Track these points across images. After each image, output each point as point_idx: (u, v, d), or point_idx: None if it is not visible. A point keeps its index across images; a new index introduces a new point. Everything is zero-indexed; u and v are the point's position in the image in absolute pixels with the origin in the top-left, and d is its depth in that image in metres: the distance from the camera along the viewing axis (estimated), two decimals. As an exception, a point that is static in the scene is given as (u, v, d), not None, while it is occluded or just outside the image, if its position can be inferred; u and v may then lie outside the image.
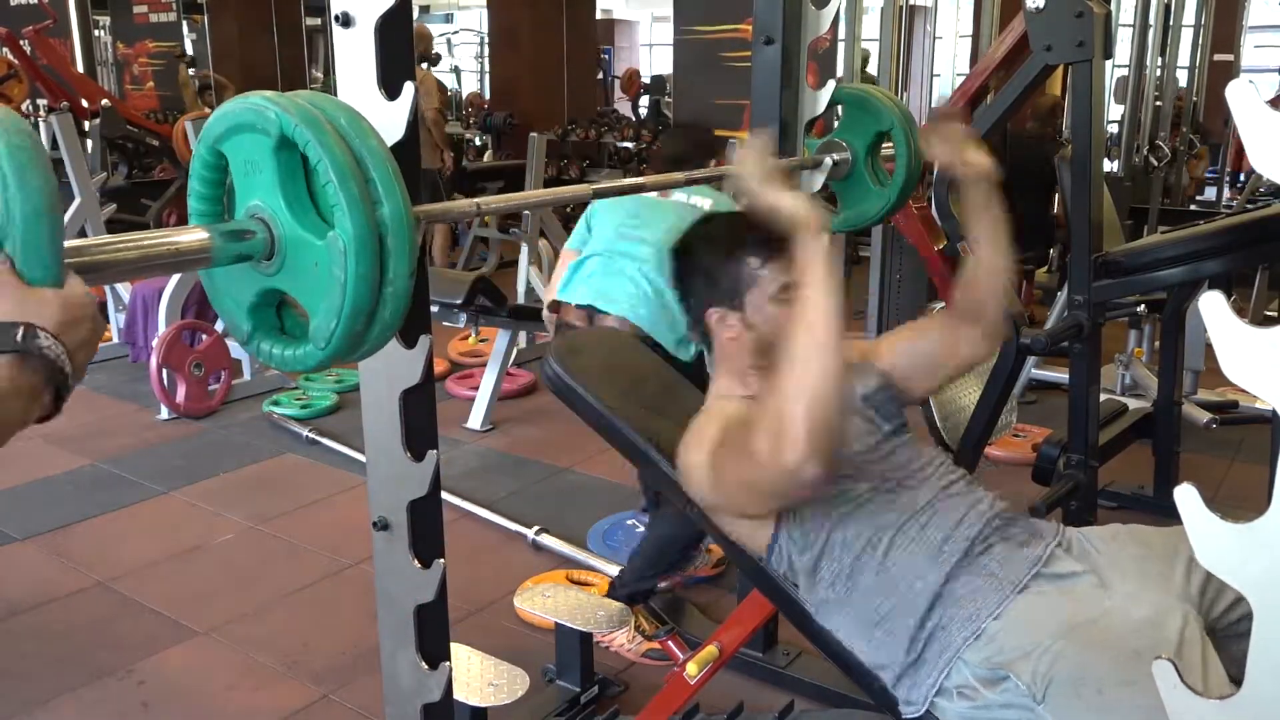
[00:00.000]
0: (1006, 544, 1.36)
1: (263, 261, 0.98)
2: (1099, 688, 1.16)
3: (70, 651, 2.46)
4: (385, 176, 0.93)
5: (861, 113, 1.89)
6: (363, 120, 0.96)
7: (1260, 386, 0.79)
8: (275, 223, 0.96)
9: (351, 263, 0.91)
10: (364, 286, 0.92)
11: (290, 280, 0.98)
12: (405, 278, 0.95)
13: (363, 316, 0.94)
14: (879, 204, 1.91)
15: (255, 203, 0.97)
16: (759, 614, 1.89)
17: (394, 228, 0.93)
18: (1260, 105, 0.77)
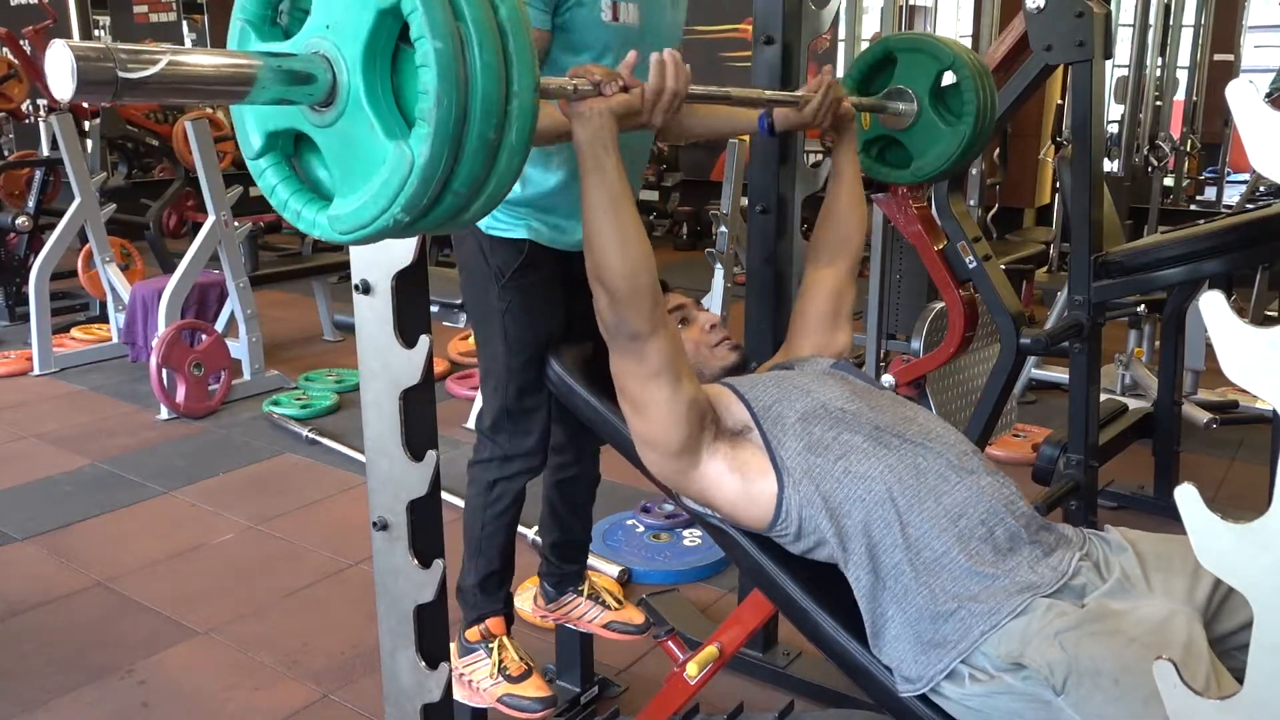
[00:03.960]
0: (1034, 547, 1.34)
1: (314, 109, 0.88)
2: (1115, 678, 1.17)
3: (70, 651, 2.46)
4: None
5: (916, 55, 1.83)
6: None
7: (1260, 386, 0.79)
8: (341, 71, 0.85)
9: (476, 51, 0.82)
10: (492, 80, 0.83)
11: (335, 137, 0.88)
12: (530, 90, 0.87)
13: (493, 122, 0.84)
14: (955, 141, 1.82)
15: (324, 43, 0.86)
16: (759, 614, 1.89)
17: (513, 30, 0.85)
18: (1260, 105, 0.77)
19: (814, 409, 1.44)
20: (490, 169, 0.88)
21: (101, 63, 0.71)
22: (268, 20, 0.92)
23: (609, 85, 1.27)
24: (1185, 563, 1.32)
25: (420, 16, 0.81)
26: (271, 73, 0.83)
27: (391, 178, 0.85)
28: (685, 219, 7.78)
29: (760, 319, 2.15)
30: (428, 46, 0.81)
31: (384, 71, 0.86)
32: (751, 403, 1.46)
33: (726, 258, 4.27)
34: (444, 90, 0.82)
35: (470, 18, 0.83)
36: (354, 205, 0.88)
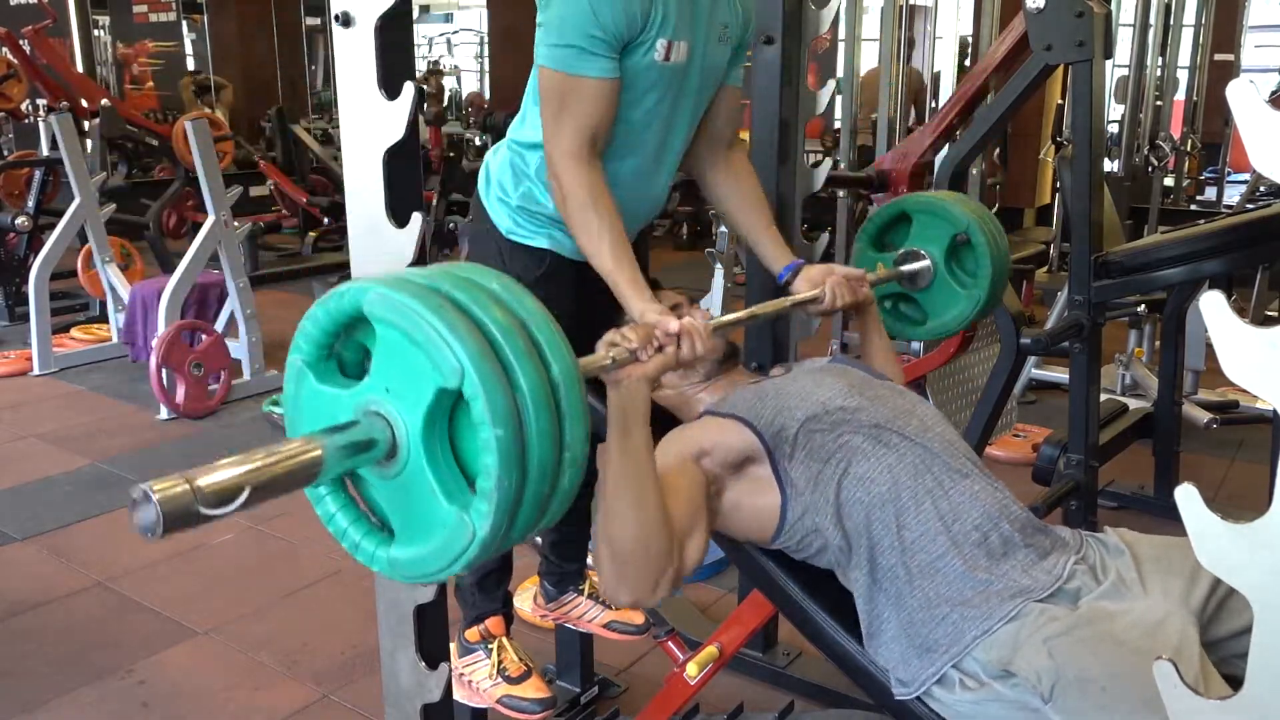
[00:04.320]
0: (1028, 551, 1.34)
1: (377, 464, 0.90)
2: (1103, 685, 1.17)
3: (70, 651, 2.47)
4: (550, 338, 0.88)
5: (933, 218, 1.84)
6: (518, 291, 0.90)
7: (1260, 386, 0.79)
8: (401, 433, 0.88)
9: (533, 423, 0.85)
10: (548, 446, 0.86)
11: (395, 488, 0.91)
12: (581, 442, 0.89)
13: (548, 480, 0.88)
14: (970, 304, 1.84)
15: (384, 405, 0.88)
16: (759, 614, 1.89)
17: (565, 385, 0.88)
18: (1260, 105, 0.77)
19: (814, 413, 1.43)
20: (543, 515, 0.92)
21: (187, 509, 0.75)
22: (323, 359, 0.94)
23: (644, 351, 1.24)
24: (1183, 564, 1.32)
25: (482, 403, 0.83)
26: (335, 451, 0.85)
27: (453, 543, 0.88)
28: (685, 219, 7.77)
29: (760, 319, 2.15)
30: (489, 434, 0.83)
31: (443, 435, 0.88)
32: (755, 424, 1.44)
33: (726, 258, 4.27)
34: (505, 473, 0.84)
35: (526, 388, 0.85)
36: (416, 556, 0.91)
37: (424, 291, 0.86)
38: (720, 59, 1.72)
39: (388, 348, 0.87)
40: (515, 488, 0.85)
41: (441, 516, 0.88)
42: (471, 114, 10.61)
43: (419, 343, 0.84)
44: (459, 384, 0.83)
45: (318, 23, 11.18)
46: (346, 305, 0.89)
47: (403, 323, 0.85)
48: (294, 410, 0.95)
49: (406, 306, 0.84)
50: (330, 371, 0.94)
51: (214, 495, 0.76)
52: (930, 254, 1.85)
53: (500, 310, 0.87)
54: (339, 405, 0.91)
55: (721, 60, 1.73)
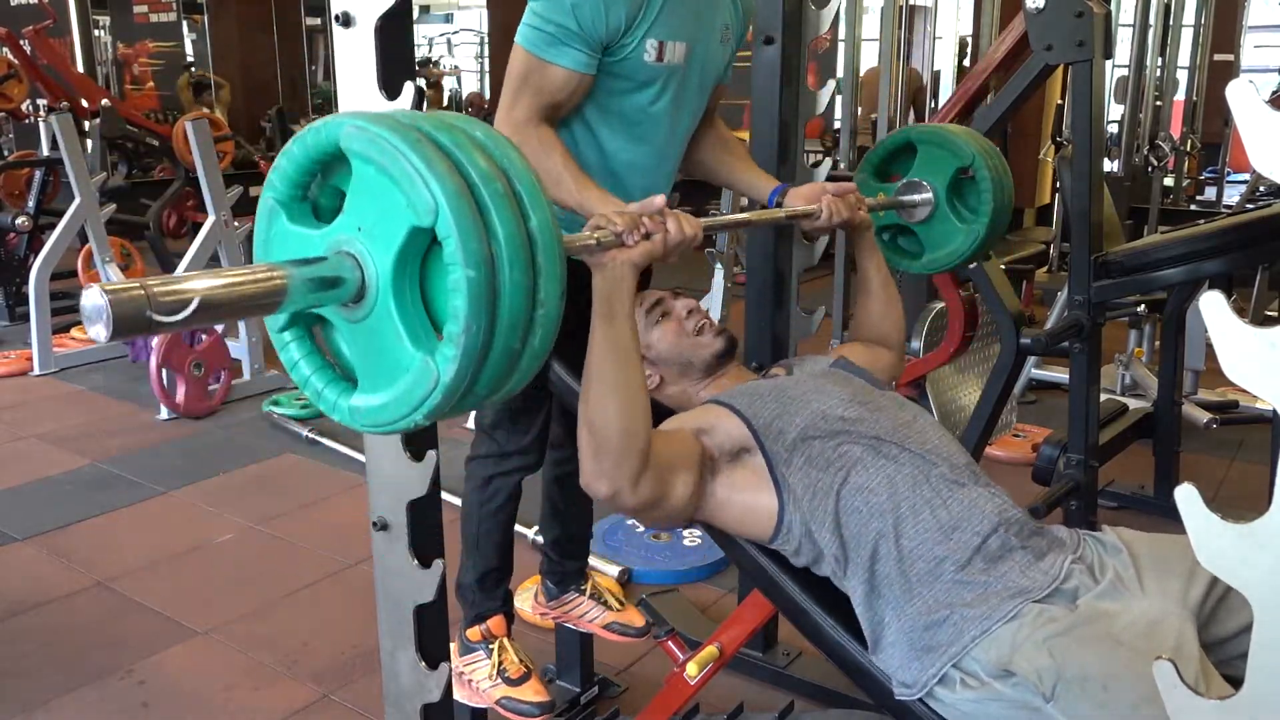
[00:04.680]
0: (1025, 553, 1.34)
1: (343, 306, 0.88)
2: (1104, 684, 1.17)
3: (70, 651, 2.46)
4: (531, 190, 0.86)
5: (937, 149, 1.81)
6: (507, 146, 0.88)
7: (1260, 386, 0.79)
8: (370, 274, 0.85)
9: (506, 270, 0.83)
10: (520, 297, 0.84)
11: (361, 332, 0.88)
12: (556, 299, 0.88)
13: (518, 334, 0.86)
14: (968, 240, 1.83)
15: (355, 243, 0.86)
16: (759, 614, 1.89)
17: (543, 239, 0.85)
18: (1260, 105, 0.77)
19: (814, 421, 1.43)
20: (512, 372, 0.89)
21: (136, 310, 0.72)
22: (297, 199, 0.91)
23: (631, 235, 1.24)
24: (1181, 563, 1.32)
25: (455, 243, 0.81)
26: (301, 283, 0.83)
27: (416, 388, 0.86)
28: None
29: (760, 319, 2.15)
30: (460, 274, 0.81)
31: (413, 278, 0.86)
32: (751, 420, 1.44)
33: (726, 258, 4.27)
34: (473, 317, 0.82)
35: (502, 235, 0.83)
36: (377, 403, 0.89)
37: (404, 128, 0.83)
38: (721, 59, 1.73)
39: (363, 184, 0.85)
40: (483, 333, 0.83)
41: (406, 361, 0.86)
42: (471, 114, 10.59)
43: (394, 178, 0.81)
44: (433, 222, 0.81)
45: (318, 23, 11.18)
46: (323, 140, 0.86)
47: (379, 157, 0.82)
48: (263, 252, 0.92)
49: (384, 140, 0.82)
50: (303, 212, 0.91)
51: (167, 303, 0.74)
52: (932, 186, 1.82)
53: (481, 155, 0.85)
54: (309, 245, 0.88)
55: (722, 60, 1.74)
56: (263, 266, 0.83)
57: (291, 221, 0.90)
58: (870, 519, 1.36)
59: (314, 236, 0.89)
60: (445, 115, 0.89)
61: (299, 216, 0.91)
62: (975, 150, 1.79)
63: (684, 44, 1.61)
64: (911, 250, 1.91)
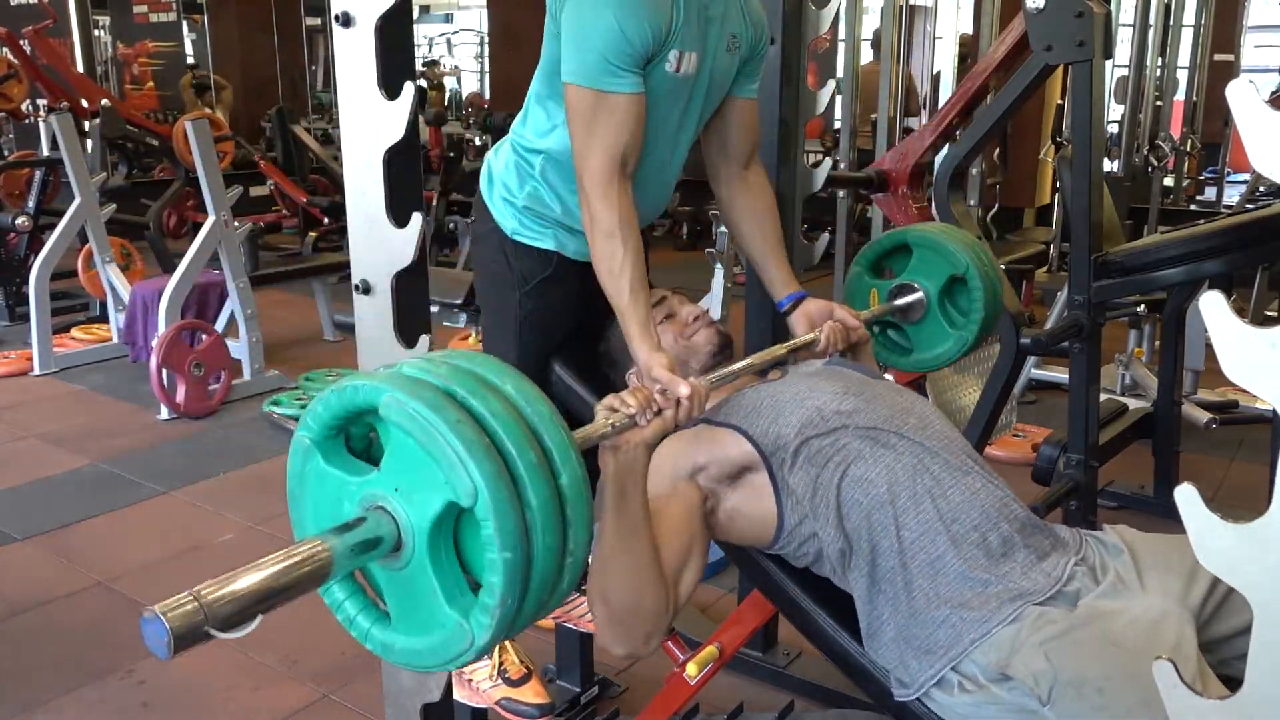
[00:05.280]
0: (1027, 552, 1.34)
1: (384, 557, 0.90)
2: (1099, 686, 1.17)
3: (70, 651, 2.47)
4: (561, 445, 0.88)
5: (933, 255, 1.83)
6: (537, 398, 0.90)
7: (1260, 386, 0.78)
8: (407, 533, 0.88)
9: (539, 539, 0.86)
10: (551, 560, 0.87)
11: (397, 581, 0.91)
12: (583, 547, 0.91)
13: (549, 589, 0.89)
14: (956, 346, 1.85)
15: (392, 502, 0.88)
16: (759, 614, 1.89)
17: (573, 497, 0.88)
18: (1260, 105, 0.77)
19: (810, 418, 1.43)
20: (538, 616, 0.93)
21: (196, 630, 0.75)
22: (331, 438, 0.93)
23: (644, 415, 1.23)
24: (1182, 563, 1.32)
25: (493, 526, 0.83)
26: (344, 552, 0.85)
27: (451, 646, 0.89)
28: (685, 219, 7.77)
29: (760, 319, 2.15)
30: (496, 556, 0.84)
31: (448, 537, 0.88)
32: (752, 434, 1.44)
33: (726, 258, 4.27)
34: (508, 593, 0.85)
35: (536, 505, 0.85)
36: (411, 647, 0.92)
37: (440, 400, 0.85)
38: (728, 68, 1.71)
39: (400, 451, 0.87)
40: (517, 604, 0.86)
41: (441, 618, 0.89)
42: (471, 114, 10.61)
43: (434, 457, 0.84)
44: (472, 505, 0.83)
45: (318, 23, 11.18)
46: (360, 401, 0.89)
47: (418, 434, 0.84)
48: (298, 487, 0.95)
49: (423, 419, 0.84)
50: (337, 450, 0.94)
51: (226, 619, 0.77)
52: (925, 289, 1.84)
53: (517, 421, 0.87)
54: (344, 491, 0.91)
55: (729, 69, 1.72)
56: (305, 546, 0.85)
57: (327, 461, 0.93)
58: (871, 511, 1.36)
59: (349, 484, 0.91)
60: (474, 365, 0.91)
61: (334, 455, 0.93)
62: (969, 260, 1.80)
63: (695, 54, 1.60)
64: (901, 345, 1.92)
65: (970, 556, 1.32)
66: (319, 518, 0.94)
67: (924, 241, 1.85)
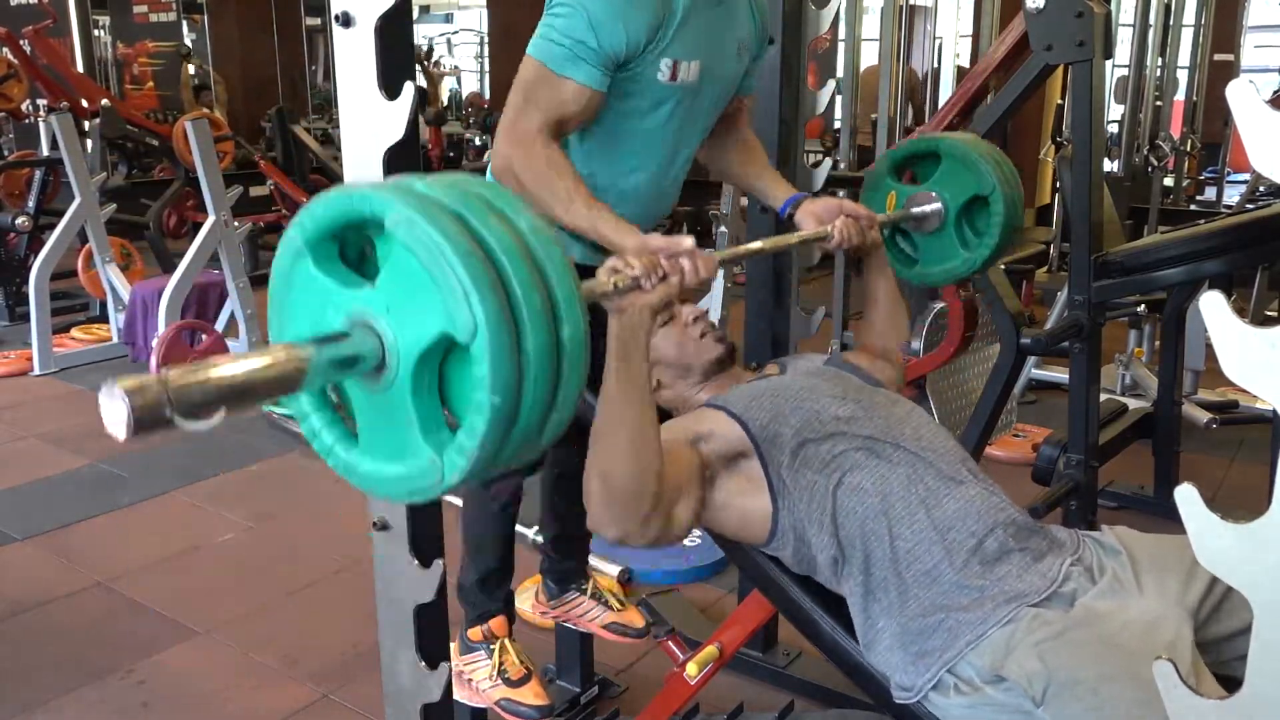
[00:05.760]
0: (1023, 555, 1.34)
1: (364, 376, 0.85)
2: (1094, 687, 1.17)
3: (70, 651, 2.46)
4: (568, 296, 0.83)
5: (961, 168, 1.76)
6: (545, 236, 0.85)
7: (1260, 386, 0.78)
8: (392, 357, 0.83)
9: (530, 388, 0.81)
10: (538, 412, 0.83)
11: (372, 403, 0.86)
12: (570, 405, 0.86)
13: (529, 442, 0.85)
14: (965, 265, 1.81)
15: (381, 322, 0.83)
16: (759, 614, 1.89)
17: (571, 352, 0.84)
18: (1260, 105, 0.77)
19: (808, 422, 1.43)
20: (511, 464, 0.89)
21: (157, 411, 0.70)
22: (325, 241, 0.88)
23: (648, 279, 1.22)
24: (1180, 564, 1.31)
25: (486, 368, 0.79)
26: (322, 364, 0.81)
27: (418, 479, 0.85)
28: (685, 219, 7.77)
29: (760, 319, 2.15)
30: (484, 399, 0.80)
31: (434, 369, 0.84)
32: (748, 423, 1.44)
33: (726, 258, 4.28)
34: (489, 436, 0.81)
35: (532, 350, 0.81)
36: (377, 473, 0.88)
37: (452, 227, 0.79)
38: (735, 74, 1.70)
39: (401, 272, 0.82)
40: (495, 448, 0.83)
41: (413, 449, 0.84)
42: (471, 114, 10.62)
43: (438, 285, 0.79)
44: (469, 342, 0.79)
45: (318, 23, 11.18)
46: (366, 210, 0.83)
47: (424, 258, 0.79)
48: (283, 287, 0.89)
49: (432, 243, 0.78)
50: (330, 255, 0.88)
51: (191, 406, 0.71)
52: (945, 201, 1.78)
53: (526, 259, 0.82)
54: (331, 301, 0.86)
55: (736, 75, 1.71)
56: (283, 349, 0.81)
57: (317, 266, 0.88)
58: (865, 520, 1.36)
59: (337, 294, 0.86)
60: (494, 196, 0.86)
61: (325, 260, 0.88)
62: (996, 181, 1.75)
63: (698, 63, 1.59)
64: (906, 253, 1.88)
65: (965, 564, 1.32)
66: (300, 323, 0.89)
67: (954, 152, 1.78)
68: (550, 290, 0.83)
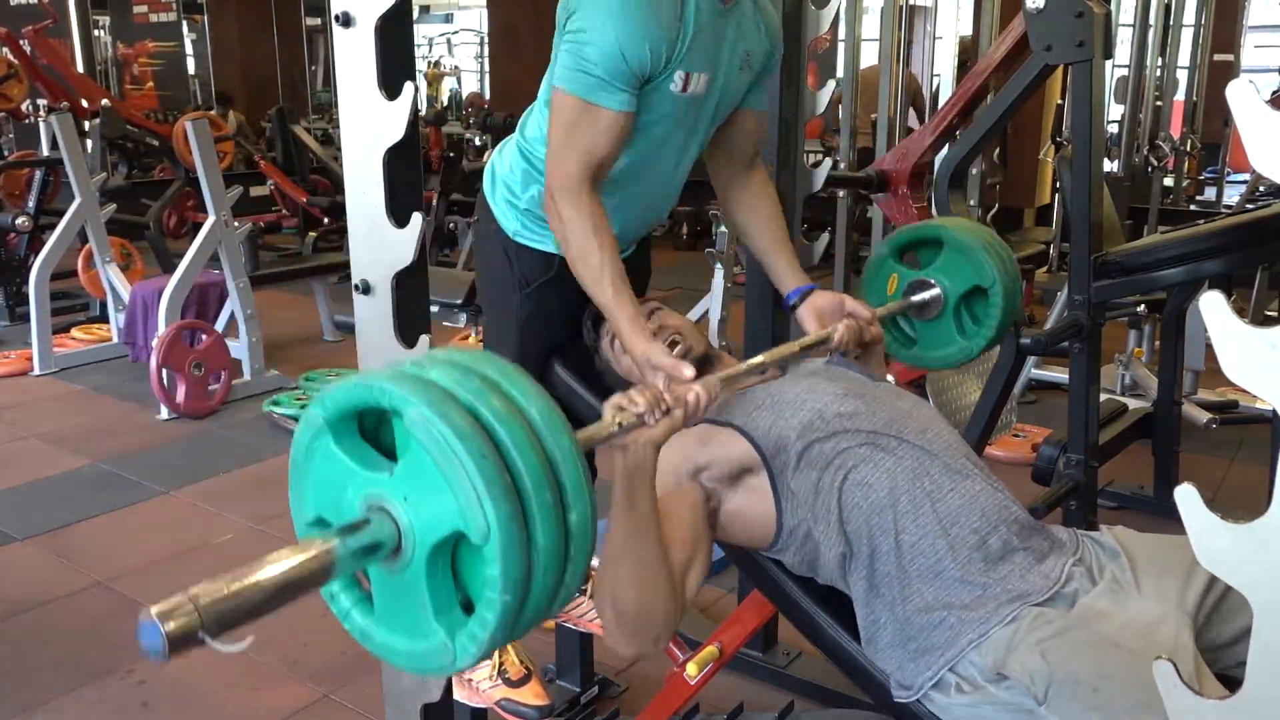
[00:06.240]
0: (1026, 554, 1.34)
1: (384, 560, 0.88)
2: (1095, 686, 1.17)
3: (70, 651, 2.46)
4: (576, 484, 0.86)
5: (963, 259, 1.77)
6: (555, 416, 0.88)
7: (1260, 386, 0.78)
8: (408, 542, 0.86)
9: (540, 578, 0.83)
10: (545, 599, 0.86)
11: (389, 583, 0.89)
12: (577, 579, 0.88)
13: (537, 619, 0.88)
14: (958, 352, 1.82)
15: (399, 509, 0.86)
16: (759, 614, 1.89)
17: (578, 535, 0.86)
18: (1260, 105, 0.77)
19: (810, 421, 1.43)
20: (525, 633, 0.91)
21: (191, 633, 0.74)
22: (345, 420, 0.90)
23: (652, 415, 1.21)
24: (1180, 564, 1.31)
25: (498, 569, 0.81)
26: (346, 555, 0.83)
27: (430, 659, 0.87)
28: (685, 219, 7.77)
29: (760, 319, 2.15)
30: (496, 597, 0.82)
31: (446, 557, 0.86)
32: (752, 434, 1.44)
33: (726, 258, 4.27)
34: (499, 630, 0.84)
35: (542, 545, 0.83)
36: (390, 645, 0.91)
37: (466, 428, 0.81)
38: (740, 86, 1.70)
39: (417, 464, 0.84)
40: (507, 633, 0.86)
41: (426, 630, 0.87)
42: (471, 114, 10.61)
43: (452, 486, 0.81)
44: (482, 543, 0.81)
45: (318, 23, 11.18)
46: (384, 402, 0.86)
47: (440, 459, 0.81)
48: (303, 461, 0.92)
49: (448, 445, 0.80)
50: (350, 434, 0.91)
51: (221, 624, 0.76)
52: (945, 290, 1.80)
53: (538, 454, 0.84)
54: (350, 480, 0.89)
55: (741, 87, 1.70)
56: (308, 546, 0.83)
57: (337, 443, 0.90)
58: (871, 514, 1.36)
59: (357, 474, 0.88)
60: (504, 380, 0.87)
61: (345, 438, 0.90)
62: (997, 274, 1.75)
63: (707, 75, 1.59)
64: (907, 335, 1.89)
65: (968, 561, 1.32)
66: (319, 499, 0.92)
67: (957, 243, 1.79)
68: (559, 478, 0.85)
